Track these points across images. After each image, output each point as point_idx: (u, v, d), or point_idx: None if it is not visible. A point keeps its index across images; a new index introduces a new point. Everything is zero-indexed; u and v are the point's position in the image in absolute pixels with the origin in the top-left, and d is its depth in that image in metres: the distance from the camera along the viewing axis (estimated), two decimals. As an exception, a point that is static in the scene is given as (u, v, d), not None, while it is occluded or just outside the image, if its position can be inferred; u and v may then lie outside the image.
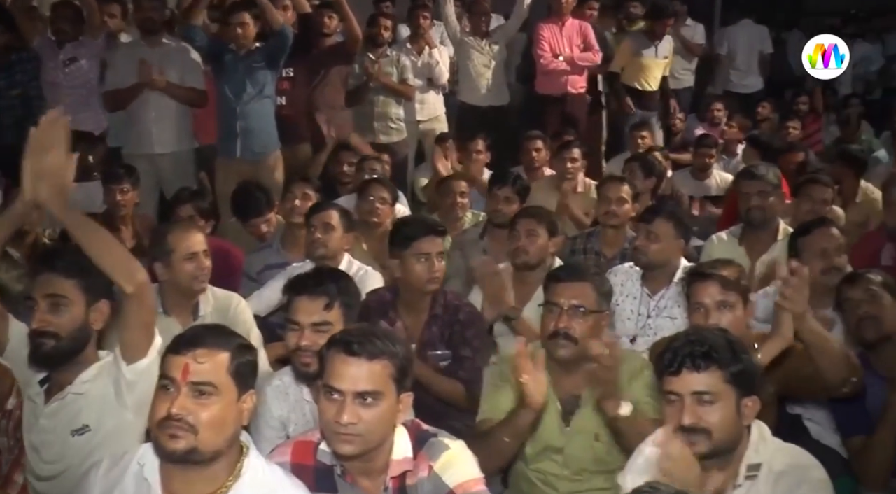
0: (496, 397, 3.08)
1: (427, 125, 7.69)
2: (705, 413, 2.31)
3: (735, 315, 3.04)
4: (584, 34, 7.76)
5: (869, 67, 11.02)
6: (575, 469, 3.03)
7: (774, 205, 4.63)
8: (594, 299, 3.02)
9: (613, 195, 4.74)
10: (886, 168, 7.11)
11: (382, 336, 2.36)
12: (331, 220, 4.25)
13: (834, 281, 3.76)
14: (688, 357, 2.32)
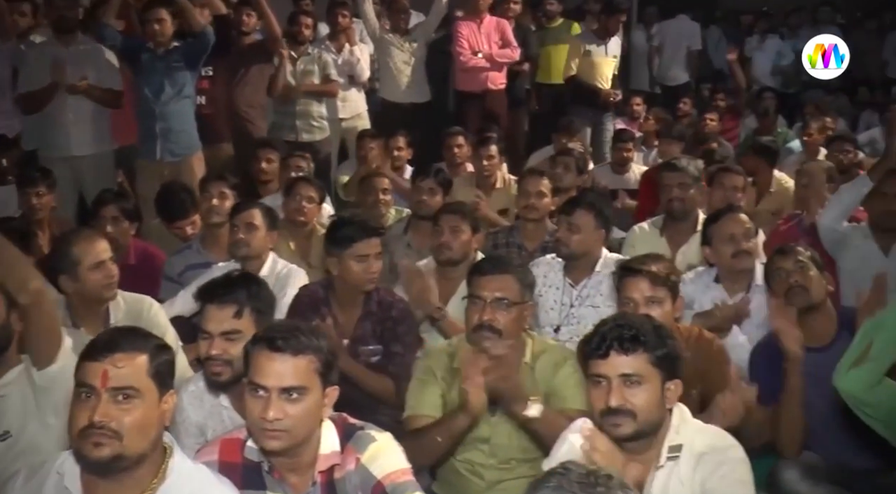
0: (422, 392, 3.11)
1: (349, 123, 7.67)
2: (631, 395, 2.36)
3: (664, 310, 3.11)
4: (502, 31, 7.82)
5: (781, 62, 11.35)
6: (501, 459, 3.07)
7: (695, 196, 4.75)
8: (517, 291, 3.05)
9: (533, 189, 4.79)
10: (799, 158, 7.34)
11: (306, 331, 2.36)
12: (253, 220, 4.23)
13: (743, 264, 3.89)
14: (615, 340, 2.38)
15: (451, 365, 3.11)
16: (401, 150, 6.56)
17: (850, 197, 4.49)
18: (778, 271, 3.49)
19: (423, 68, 7.84)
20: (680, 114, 8.84)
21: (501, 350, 2.96)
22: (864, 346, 2.57)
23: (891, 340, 2.53)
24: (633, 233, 4.92)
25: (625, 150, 6.98)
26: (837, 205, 4.49)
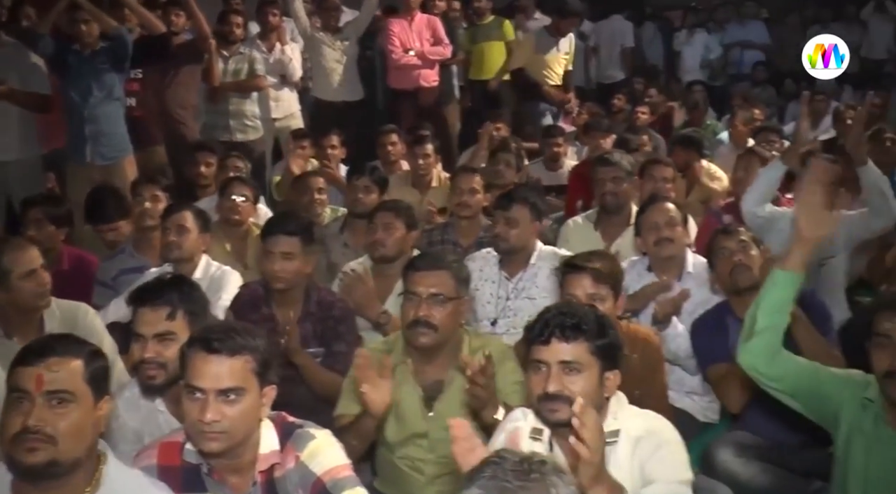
0: (352, 392, 3.09)
1: (283, 122, 7.63)
2: (570, 382, 2.40)
3: (605, 307, 3.13)
4: (434, 28, 7.85)
5: (709, 56, 11.58)
6: (440, 453, 3.08)
7: (628, 190, 4.83)
8: (452, 286, 3.07)
9: (465, 186, 4.81)
10: (728, 149, 7.50)
11: (242, 331, 2.36)
12: (185, 222, 4.19)
13: (666, 252, 3.97)
14: (557, 327, 2.41)
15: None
16: (334, 149, 6.53)
17: (766, 181, 4.59)
18: (722, 250, 3.58)
19: (356, 66, 7.84)
20: (614, 110, 8.96)
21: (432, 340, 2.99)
22: (751, 320, 2.66)
23: (771, 310, 2.60)
24: (568, 226, 4.99)
25: (555, 146, 7.03)
26: (756, 189, 4.60)
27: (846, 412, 2.74)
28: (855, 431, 2.71)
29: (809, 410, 2.82)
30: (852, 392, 2.73)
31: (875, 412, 2.68)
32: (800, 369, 2.74)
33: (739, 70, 11.51)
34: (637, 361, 3.25)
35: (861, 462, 2.70)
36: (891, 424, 2.65)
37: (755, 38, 11.74)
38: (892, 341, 2.57)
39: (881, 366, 2.60)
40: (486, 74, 8.68)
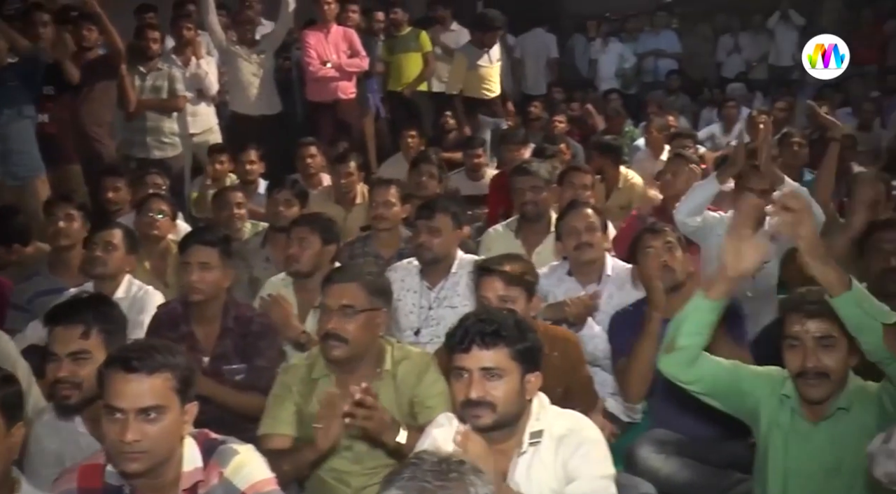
0: (279, 409, 3.08)
1: (200, 137, 7.53)
2: (492, 388, 2.43)
3: (518, 308, 3.18)
4: (350, 40, 7.85)
5: (623, 65, 11.82)
6: (366, 465, 3.08)
7: (547, 198, 4.88)
8: (363, 298, 3.03)
9: (381, 198, 4.79)
10: (645, 155, 7.66)
11: (161, 349, 2.33)
12: (113, 239, 4.14)
13: (586, 256, 4.04)
14: (477, 334, 2.44)
15: (309, 376, 3.10)
16: (253, 164, 6.47)
17: (701, 195, 4.68)
18: (648, 249, 3.65)
19: (273, 79, 7.79)
20: (531, 118, 9.07)
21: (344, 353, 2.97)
22: (671, 337, 2.71)
23: (691, 333, 2.67)
24: (489, 235, 5.04)
25: (475, 157, 7.08)
26: (690, 201, 4.70)
27: (765, 407, 2.81)
28: (774, 425, 2.79)
29: (728, 407, 2.89)
30: (770, 388, 2.81)
31: (791, 406, 2.76)
32: (718, 370, 2.81)
33: (654, 78, 11.80)
34: (557, 359, 3.30)
35: (780, 454, 2.77)
36: (806, 417, 2.74)
37: (667, 47, 12.05)
38: (802, 342, 2.65)
39: (793, 367, 2.68)
40: (404, 86, 8.73)
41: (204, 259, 3.62)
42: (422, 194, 5.39)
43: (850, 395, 2.69)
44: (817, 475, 2.72)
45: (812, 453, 2.73)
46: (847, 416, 2.69)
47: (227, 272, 3.71)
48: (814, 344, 2.63)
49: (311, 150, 6.53)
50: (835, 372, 2.64)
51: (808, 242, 2.39)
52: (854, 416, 2.68)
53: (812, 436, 2.73)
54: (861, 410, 2.67)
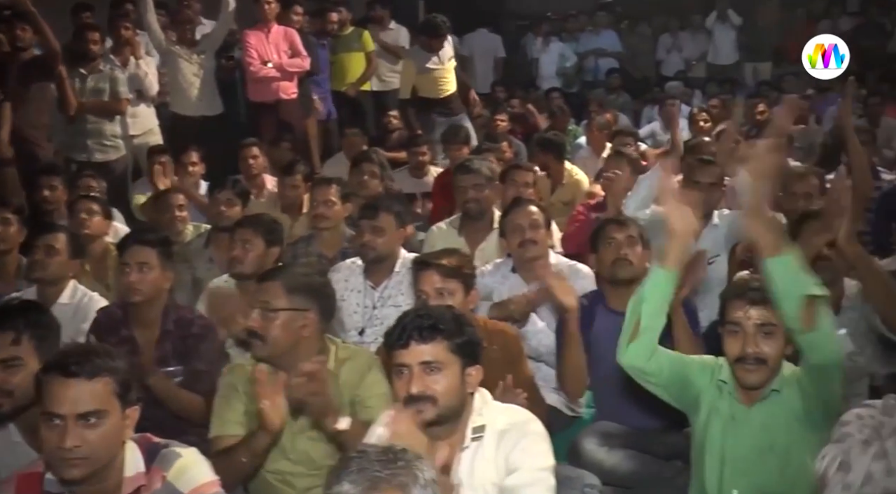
0: (227, 410, 3.06)
1: (141, 139, 7.40)
2: (432, 382, 2.44)
3: (456, 301, 3.19)
4: (291, 40, 7.79)
5: (564, 64, 11.92)
6: (310, 466, 3.07)
7: (489, 196, 4.91)
8: (283, 298, 2.99)
9: (322, 197, 4.79)
10: (587, 153, 7.73)
11: (101, 352, 2.31)
12: (55, 243, 4.09)
13: (530, 253, 4.07)
14: (415, 329, 2.45)
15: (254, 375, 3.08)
16: (194, 166, 6.40)
17: (647, 188, 4.79)
18: (609, 240, 3.71)
19: (214, 80, 7.72)
20: (473, 116, 9.09)
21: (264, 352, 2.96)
22: (634, 321, 2.76)
23: (653, 312, 2.73)
24: (432, 233, 5.06)
25: (420, 155, 7.10)
26: (637, 195, 4.78)
27: (705, 395, 2.88)
28: (713, 412, 2.85)
29: (675, 398, 2.95)
30: (710, 376, 2.88)
31: (729, 392, 2.83)
32: (672, 362, 2.87)
33: (595, 77, 11.91)
34: (497, 353, 3.31)
35: (718, 440, 2.83)
36: (742, 402, 2.81)
37: (608, 46, 12.17)
38: (743, 328, 2.71)
39: (733, 352, 2.74)
40: (347, 86, 8.71)
41: (142, 259, 3.58)
42: (363, 193, 5.38)
43: (782, 378, 2.77)
44: (752, 456, 2.78)
45: (747, 436, 2.79)
46: (779, 398, 2.77)
47: (167, 273, 3.67)
48: (754, 331, 2.70)
49: (254, 151, 6.48)
50: (772, 359, 2.71)
51: (755, 199, 2.45)
52: (784, 398, 2.76)
53: (747, 419, 2.80)
54: (790, 392, 2.75)
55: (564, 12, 12.54)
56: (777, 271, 2.44)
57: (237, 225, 4.26)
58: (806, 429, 2.74)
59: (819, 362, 2.53)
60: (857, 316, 3.59)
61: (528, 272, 4.15)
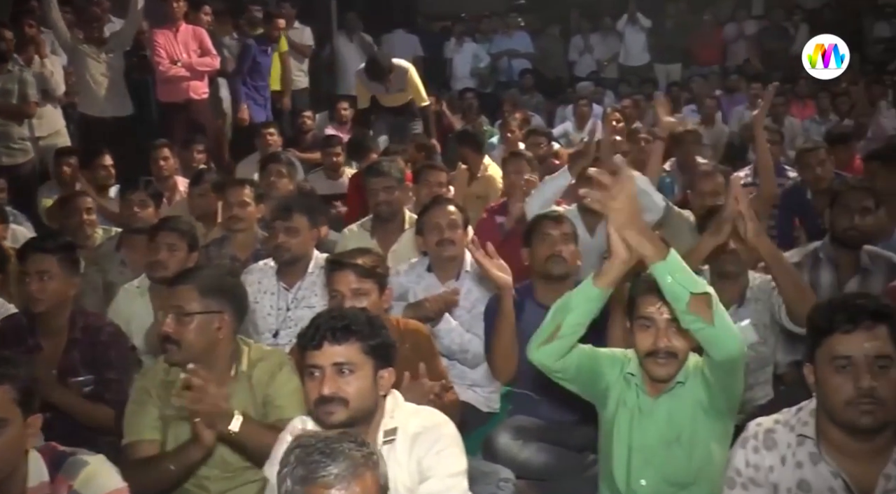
0: (141, 416, 3.01)
1: (47, 141, 7.23)
2: (344, 384, 2.43)
3: (370, 301, 3.19)
4: (200, 39, 7.70)
5: (478, 65, 12.01)
6: (225, 469, 3.03)
7: (400, 198, 4.90)
8: (197, 301, 2.97)
9: (236, 199, 4.72)
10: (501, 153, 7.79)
11: (0, 360, 2.25)
12: None
13: (448, 252, 4.09)
14: (328, 330, 2.44)
15: (167, 378, 3.04)
16: (105, 169, 6.26)
17: (552, 188, 4.87)
18: (545, 236, 3.75)
19: (123, 80, 7.57)
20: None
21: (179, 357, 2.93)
22: (554, 326, 2.77)
23: (576, 323, 2.73)
24: (344, 235, 5.05)
25: (334, 156, 7.07)
26: (540, 194, 4.83)
27: (613, 388, 2.93)
28: (620, 404, 2.91)
29: (584, 390, 2.98)
30: (618, 369, 2.93)
31: (636, 384, 2.88)
32: (582, 357, 2.89)
33: (508, 78, 12.02)
34: (409, 351, 3.31)
35: (625, 432, 2.88)
36: (648, 393, 2.87)
37: (520, 47, 12.31)
38: (654, 323, 2.76)
39: (644, 346, 2.79)
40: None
41: (43, 267, 3.49)
42: (273, 194, 5.32)
43: (687, 370, 2.83)
44: (658, 447, 2.84)
45: (653, 427, 2.85)
46: (683, 389, 2.83)
47: (71, 280, 3.59)
48: (665, 325, 2.75)
49: (164, 153, 6.37)
50: (683, 352, 2.77)
51: (621, 215, 2.44)
52: (689, 389, 2.82)
53: (653, 411, 2.85)
54: (694, 383, 2.81)
55: (478, 13, 12.63)
56: (663, 275, 2.48)
57: (159, 228, 4.16)
58: (710, 419, 2.81)
59: (721, 357, 2.58)
60: (762, 308, 3.69)
61: (444, 271, 4.17)
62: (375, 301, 3.22)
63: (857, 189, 4.22)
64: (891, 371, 2.18)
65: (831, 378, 2.21)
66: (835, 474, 2.28)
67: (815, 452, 2.30)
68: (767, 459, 2.35)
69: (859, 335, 2.19)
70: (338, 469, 1.93)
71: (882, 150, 5.23)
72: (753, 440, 2.38)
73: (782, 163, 6.67)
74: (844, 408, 2.18)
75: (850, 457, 2.27)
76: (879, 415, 2.17)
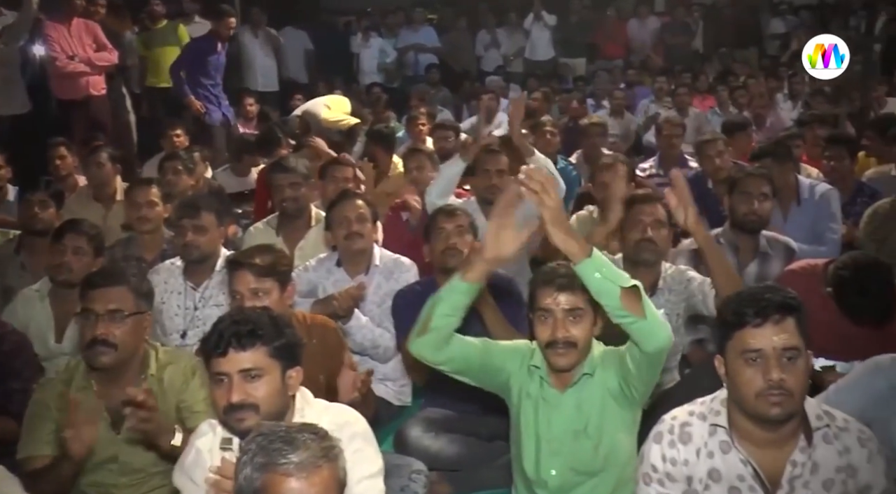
0: (36, 430, 2.94)
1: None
2: (253, 389, 2.39)
3: (272, 299, 3.14)
4: (94, 33, 7.51)
5: (384, 59, 11.99)
6: (133, 476, 2.98)
7: (306, 194, 4.85)
8: (132, 301, 2.96)
9: (143, 199, 4.61)
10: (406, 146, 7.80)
11: None
12: None
13: (357, 246, 4.09)
14: (233, 336, 2.39)
15: (67, 390, 2.96)
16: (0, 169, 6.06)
17: (448, 175, 4.98)
18: (440, 230, 3.78)
19: (19, 75, 7.32)
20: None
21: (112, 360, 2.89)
22: (426, 317, 2.79)
23: (445, 315, 2.74)
24: (250, 233, 4.97)
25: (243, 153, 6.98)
26: (439, 184, 4.90)
27: (515, 380, 2.95)
28: (524, 396, 2.94)
29: (481, 383, 3.01)
30: (520, 361, 2.95)
31: (540, 376, 2.91)
32: (468, 349, 2.90)
33: (415, 72, 12.03)
34: (317, 347, 3.29)
35: (532, 423, 2.92)
36: (555, 386, 2.90)
37: (426, 41, 12.33)
38: (552, 314, 2.80)
39: (543, 337, 2.82)
40: (163, 81, 8.45)
41: None
42: (173, 192, 5.21)
43: (594, 361, 2.87)
44: (567, 438, 2.87)
45: (561, 418, 2.88)
46: (591, 381, 2.87)
47: None
48: (563, 316, 2.78)
49: (61, 151, 6.18)
50: (582, 341, 2.80)
51: (553, 212, 2.47)
52: (597, 380, 2.86)
53: (560, 403, 2.89)
54: (603, 373, 2.85)
55: (383, 8, 12.61)
56: (587, 274, 2.51)
57: (64, 230, 4.04)
58: (620, 408, 2.86)
59: (653, 349, 2.62)
60: (675, 299, 3.76)
61: (353, 266, 4.16)
62: (277, 299, 3.16)
63: (756, 176, 4.37)
64: (798, 362, 2.25)
65: (742, 370, 2.26)
66: (744, 462, 2.34)
67: (727, 441, 2.36)
68: (683, 453, 2.39)
69: (768, 329, 2.24)
70: (298, 458, 1.92)
71: (771, 147, 5.40)
72: (669, 434, 2.42)
73: (683, 152, 6.84)
74: (755, 400, 2.24)
75: (759, 446, 2.33)
76: (787, 406, 2.23)
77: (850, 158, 5.73)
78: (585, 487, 2.88)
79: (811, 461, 2.31)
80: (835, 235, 5.03)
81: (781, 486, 2.32)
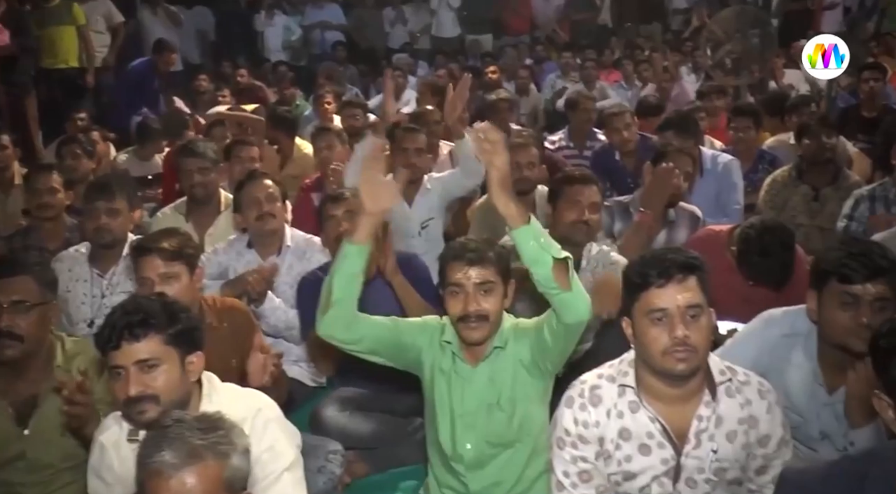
0: None
1: None
2: (150, 380, 2.33)
3: (182, 284, 3.08)
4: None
5: (290, 37, 11.83)
6: (40, 474, 2.90)
7: (215, 179, 4.76)
8: (36, 291, 2.88)
9: (44, 185, 4.48)
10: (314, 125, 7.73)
11: None
12: None
13: (268, 226, 4.06)
14: (125, 328, 2.33)
15: None
16: None
17: (359, 158, 4.87)
18: (330, 218, 3.76)
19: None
20: (201, 91, 8.87)
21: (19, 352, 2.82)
22: (326, 294, 2.80)
23: (344, 284, 2.76)
24: (158, 218, 4.85)
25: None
26: (354, 163, 4.85)
27: (427, 355, 2.97)
28: (437, 371, 2.96)
29: (393, 361, 3.02)
30: (430, 337, 2.97)
31: (453, 351, 2.93)
32: (377, 328, 2.92)
33: (322, 50, 11.90)
34: (227, 330, 3.26)
35: (446, 398, 2.94)
36: (467, 361, 2.92)
37: (332, 19, 12.20)
38: (464, 288, 2.82)
39: (455, 311, 2.84)
40: (60, 62, 8.20)
41: None
42: (72, 178, 5.05)
43: (505, 334, 2.90)
44: (481, 411, 2.91)
45: (474, 392, 2.91)
46: (503, 353, 2.90)
47: None
48: (474, 290, 2.81)
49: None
50: (493, 314, 2.83)
51: (500, 173, 2.54)
52: (509, 353, 2.90)
53: (473, 377, 2.91)
54: (515, 346, 2.89)
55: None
56: (524, 240, 2.55)
57: None
58: (532, 378, 2.90)
59: (573, 321, 2.66)
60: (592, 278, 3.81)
61: (264, 247, 4.12)
62: (186, 283, 3.11)
63: (684, 153, 4.47)
64: (701, 319, 2.34)
65: (648, 330, 2.34)
66: (653, 419, 2.42)
67: (635, 400, 2.44)
68: (594, 415, 2.45)
69: (672, 288, 2.32)
70: (169, 455, 1.88)
71: (674, 120, 5.49)
72: (580, 398, 2.48)
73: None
74: (661, 357, 2.32)
75: (666, 403, 2.42)
76: (692, 361, 2.32)
77: (755, 129, 5.89)
78: (501, 459, 2.92)
79: (715, 414, 2.41)
80: (737, 205, 5.19)
81: (689, 440, 2.41)
